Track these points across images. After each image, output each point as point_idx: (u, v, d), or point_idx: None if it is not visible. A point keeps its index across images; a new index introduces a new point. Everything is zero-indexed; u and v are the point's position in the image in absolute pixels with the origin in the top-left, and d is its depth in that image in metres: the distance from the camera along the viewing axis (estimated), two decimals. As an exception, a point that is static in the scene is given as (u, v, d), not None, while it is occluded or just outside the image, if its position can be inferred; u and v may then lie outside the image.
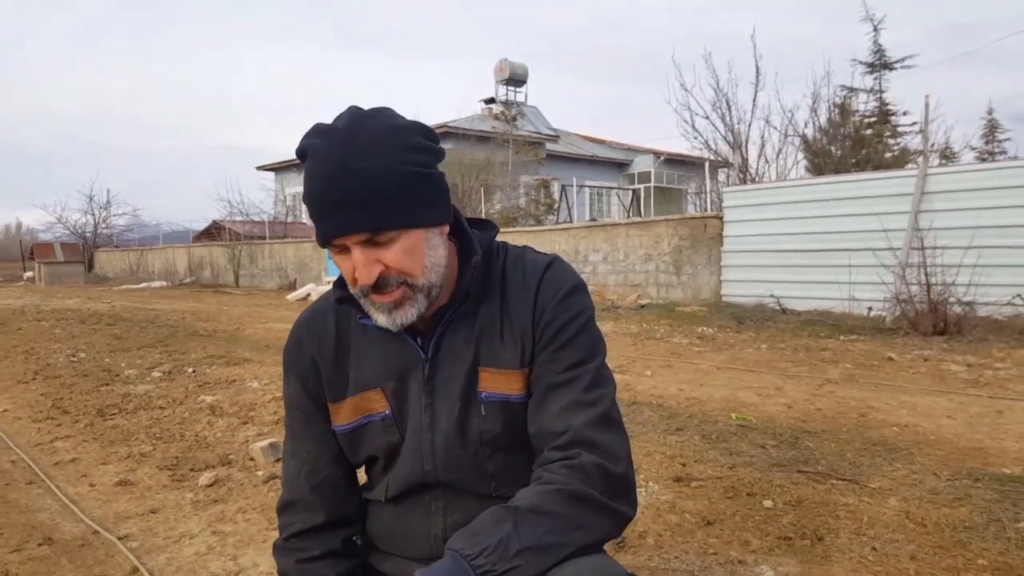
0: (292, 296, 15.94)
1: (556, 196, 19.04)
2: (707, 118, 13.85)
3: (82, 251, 29.40)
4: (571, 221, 17.23)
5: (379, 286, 0.96)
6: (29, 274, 28.61)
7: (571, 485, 0.92)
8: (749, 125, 13.52)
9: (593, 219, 19.73)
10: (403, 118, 1.00)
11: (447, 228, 1.05)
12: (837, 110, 13.89)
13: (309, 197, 0.96)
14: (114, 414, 4.51)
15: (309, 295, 15.61)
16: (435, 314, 1.07)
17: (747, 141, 13.41)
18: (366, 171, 0.93)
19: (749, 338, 7.56)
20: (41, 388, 5.42)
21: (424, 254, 1.00)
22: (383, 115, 0.99)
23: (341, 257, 0.98)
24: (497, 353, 1.06)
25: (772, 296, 9.08)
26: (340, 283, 1.08)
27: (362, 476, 1.25)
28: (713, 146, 13.95)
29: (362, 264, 0.95)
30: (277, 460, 3.43)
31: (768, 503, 2.79)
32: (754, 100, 13.45)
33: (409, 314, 1.00)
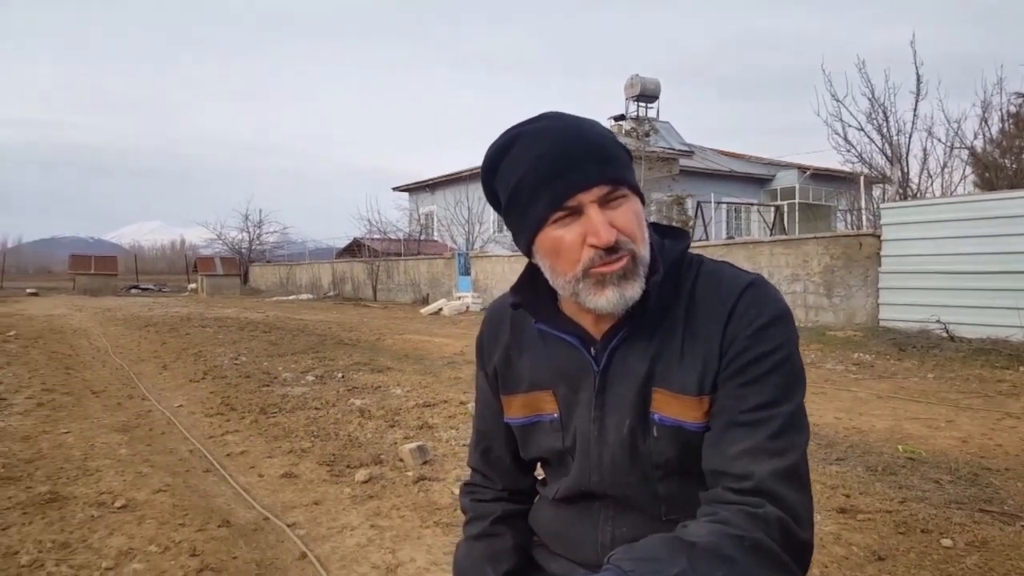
0: (425, 310, 16.51)
1: (691, 213, 18.56)
2: (861, 129, 12.95)
3: (238, 265, 31.97)
4: (707, 239, 16.73)
5: (611, 250, 0.94)
6: (192, 286, 31.47)
7: (754, 534, 0.84)
8: (909, 137, 12.47)
9: (731, 237, 19.04)
10: None
11: None
12: (1011, 120, 12.61)
13: (542, 160, 0.95)
14: (275, 413, 4.83)
15: (441, 309, 16.11)
16: (611, 327, 1.03)
17: (907, 154, 12.39)
18: (600, 134, 0.98)
19: (913, 366, 7.00)
20: (210, 387, 5.91)
21: (644, 225, 0.99)
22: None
23: (564, 231, 0.96)
24: (674, 376, 0.99)
25: (938, 321, 8.33)
26: (515, 289, 1.10)
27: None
28: (868, 159, 13.05)
29: (601, 222, 0.93)
30: (425, 462, 3.54)
31: (947, 542, 2.58)
32: (915, 110, 12.39)
33: (634, 289, 0.96)
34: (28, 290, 27.82)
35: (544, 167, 0.95)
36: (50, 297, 24.38)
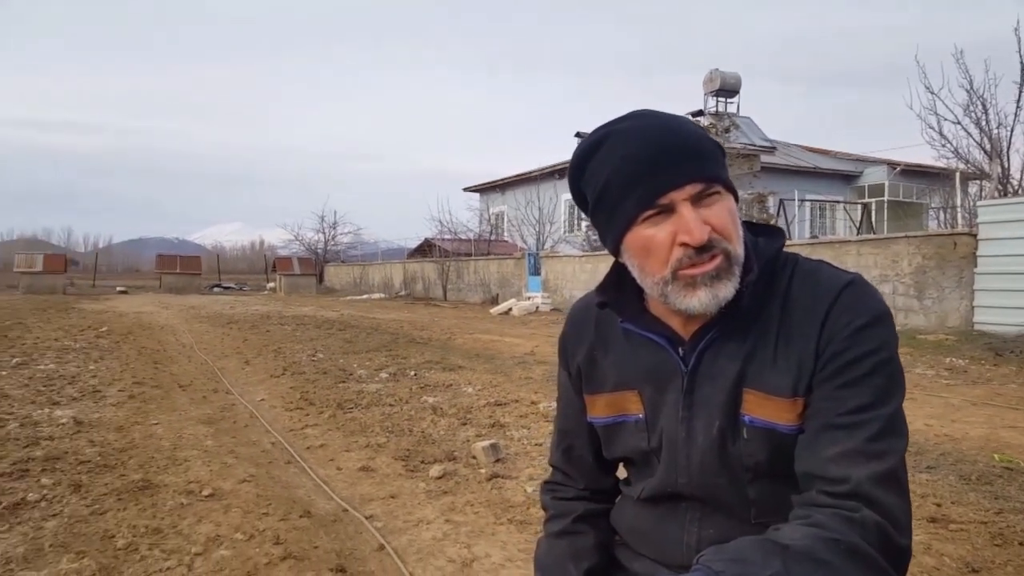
0: (495, 310, 16.61)
1: (773, 211, 18.00)
2: (958, 123, 12.25)
3: (314, 265, 32.99)
4: (790, 237, 16.20)
5: (703, 249, 0.92)
6: (271, 285, 32.67)
7: (850, 538, 0.81)
8: (1011, 130, 11.70)
9: (814, 236, 18.38)
10: None
11: None
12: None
13: (632, 158, 0.94)
14: (351, 408, 4.95)
15: (510, 309, 16.17)
16: (701, 328, 1.01)
17: (1008, 148, 11.64)
18: (692, 131, 0.96)
19: (1011, 372, 6.60)
20: (290, 382, 6.11)
21: (738, 223, 0.97)
22: None
23: (655, 229, 0.94)
24: (766, 377, 0.97)
25: (1038, 326, 7.84)
26: (601, 288, 1.09)
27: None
28: (964, 154, 12.34)
29: (694, 220, 0.91)
30: (497, 460, 3.55)
31: (1048, 556, 2.41)
32: (1018, 102, 11.60)
33: (728, 289, 0.94)
34: (118, 288, 29.52)
35: (634, 165, 0.94)
36: (138, 295, 25.80)
